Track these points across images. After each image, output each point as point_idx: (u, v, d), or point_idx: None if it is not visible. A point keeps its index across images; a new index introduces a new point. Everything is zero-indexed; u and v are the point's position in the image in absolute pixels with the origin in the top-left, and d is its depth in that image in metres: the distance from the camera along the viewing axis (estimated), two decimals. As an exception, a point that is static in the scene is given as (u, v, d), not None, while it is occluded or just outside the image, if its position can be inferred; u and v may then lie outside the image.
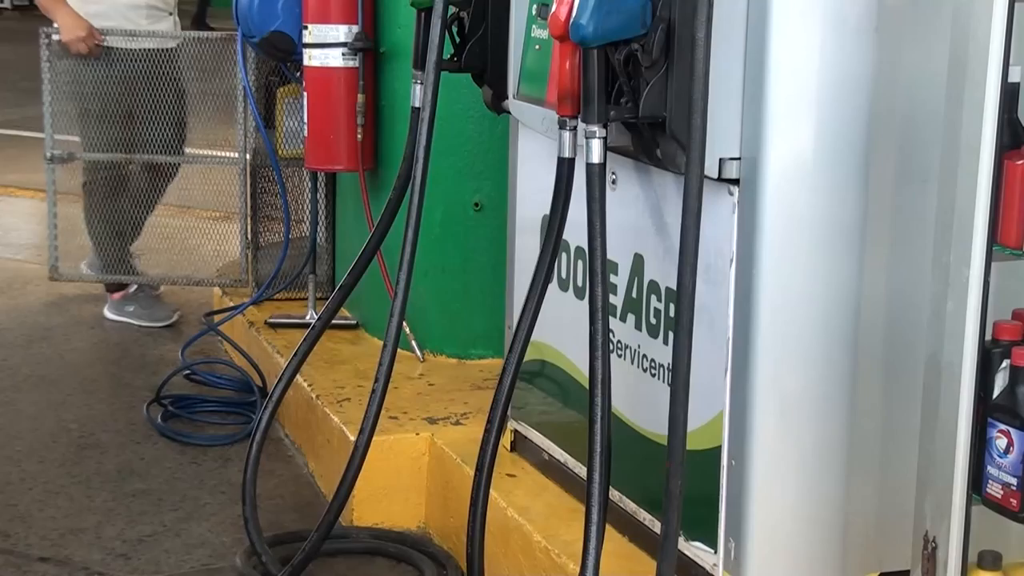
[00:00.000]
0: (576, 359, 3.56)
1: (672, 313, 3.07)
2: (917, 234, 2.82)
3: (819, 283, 2.89)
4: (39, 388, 5.40)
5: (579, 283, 3.53)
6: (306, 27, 4.97)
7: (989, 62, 2.40)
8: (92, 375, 5.58)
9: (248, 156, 5.71)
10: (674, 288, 2.81)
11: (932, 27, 2.72)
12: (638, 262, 3.27)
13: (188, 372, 5.41)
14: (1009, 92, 2.43)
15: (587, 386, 2.99)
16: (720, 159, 2.85)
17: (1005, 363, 2.53)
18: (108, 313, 6.25)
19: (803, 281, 2.89)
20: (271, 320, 5.39)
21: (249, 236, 5.84)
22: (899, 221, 2.87)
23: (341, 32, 4.93)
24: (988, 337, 2.53)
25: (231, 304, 5.76)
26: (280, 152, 5.51)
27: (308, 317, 5.33)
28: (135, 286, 6.24)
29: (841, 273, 2.90)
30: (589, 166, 2.91)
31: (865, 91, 2.83)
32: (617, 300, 3.34)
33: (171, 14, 6.07)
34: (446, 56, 3.65)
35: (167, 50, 5.97)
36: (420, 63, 3.68)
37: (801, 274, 2.88)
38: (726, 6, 2.77)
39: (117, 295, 6.23)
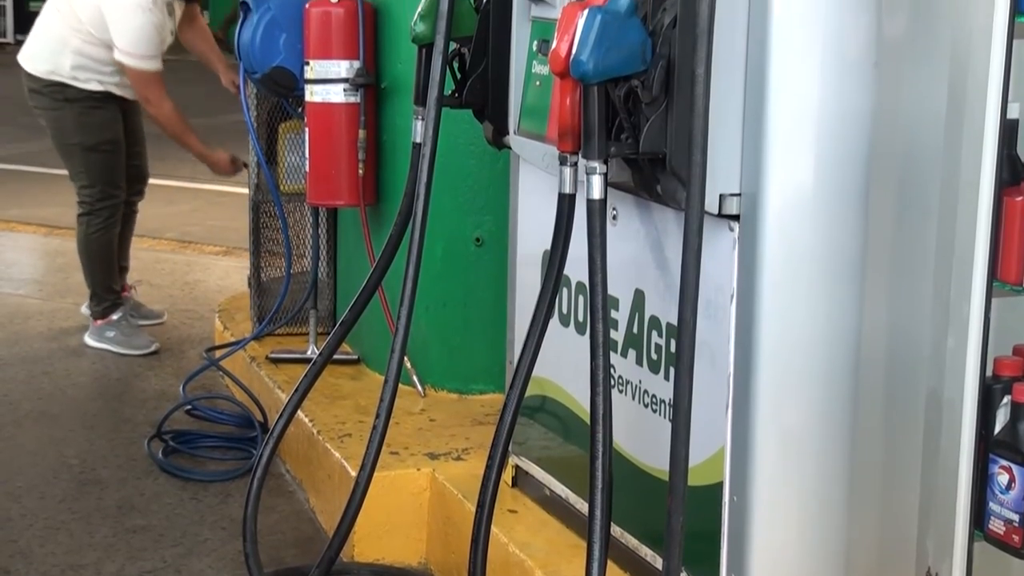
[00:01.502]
0: (577, 394, 3.56)
1: (673, 349, 3.07)
2: (917, 269, 2.83)
3: (820, 319, 2.89)
4: (40, 423, 5.39)
5: (580, 318, 3.54)
6: (307, 63, 4.99)
7: (988, 98, 2.42)
8: (93, 410, 5.58)
9: (251, 191, 5.72)
10: (675, 324, 2.81)
11: (931, 62, 2.73)
12: (639, 298, 3.27)
13: (189, 407, 5.41)
14: (1008, 128, 2.44)
15: (588, 421, 2.99)
16: (720, 195, 2.86)
17: (1006, 399, 2.53)
18: (88, 340, 6.27)
19: (804, 317, 2.89)
20: (272, 355, 5.39)
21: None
22: (899, 256, 2.88)
23: (342, 68, 4.95)
24: (989, 373, 2.53)
25: (232, 339, 5.76)
26: (282, 187, 5.52)
27: (309, 352, 5.33)
28: (118, 313, 6.25)
29: (842, 308, 2.89)
30: (590, 202, 2.91)
31: (865, 126, 2.83)
32: (618, 335, 3.34)
33: None
34: (447, 92, 3.66)
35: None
36: (421, 99, 3.69)
37: (802, 310, 2.88)
38: (726, 42, 2.78)
39: (100, 321, 6.25)
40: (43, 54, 6.04)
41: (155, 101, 5.92)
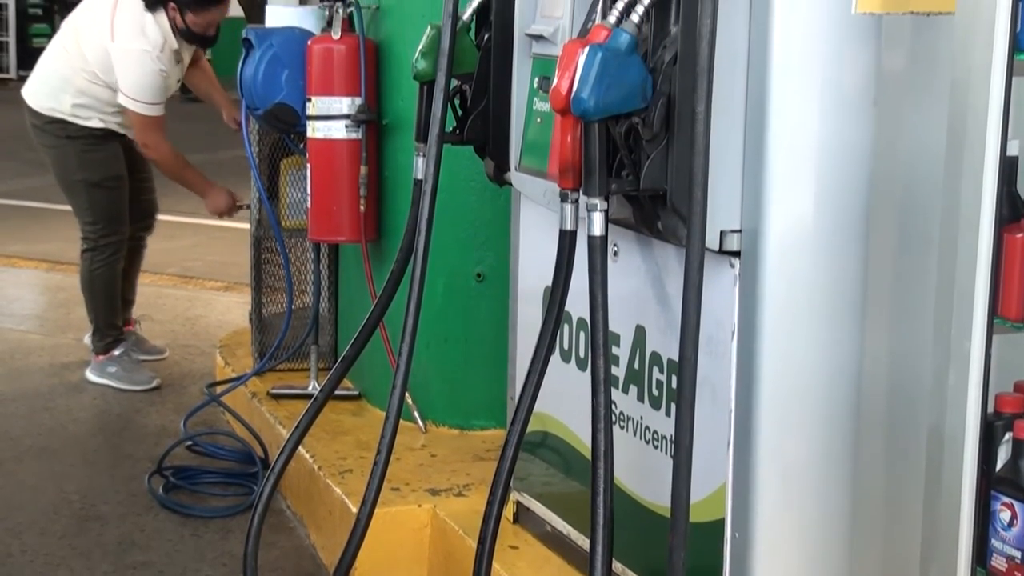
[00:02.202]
0: (578, 430, 3.55)
1: (674, 385, 3.07)
2: (918, 305, 2.83)
3: (821, 354, 2.89)
4: (41, 459, 5.39)
5: (581, 354, 3.54)
6: (310, 99, 5.00)
7: (988, 135, 2.42)
8: (94, 446, 5.57)
9: (253, 227, 5.73)
10: (676, 360, 2.81)
11: (931, 99, 2.74)
12: (640, 333, 3.27)
13: (190, 443, 5.40)
14: (1008, 165, 2.45)
15: (590, 457, 2.98)
16: (721, 231, 2.86)
17: (1007, 436, 2.53)
18: (90, 375, 6.27)
19: (805, 353, 2.89)
20: (273, 391, 5.39)
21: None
22: (900, 292, 2.88)
23: (344, 104, 4.96)
24: (990, 409, 2.53)
25: (233, 374, 5.76)
26: (283, 223, 5.54)
27: (310, 388, 5.33)
28: (120, 348, 6.25)
29: (843, 344, 2.90)
30: (591, 239, 2.92)
31: (864, 163, 2.84)
32: (619, 371, 3.34)
33: None
34: (448, 129, 3.67)
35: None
36: (423, 135, 3.71)
37: (803, 346, 2.89)
38: (725, 79, 2.79)
39: (102, 356, 6.24)
40: (45, 90, 6.06)
41: (153, 145, 5.95)
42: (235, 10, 16.33)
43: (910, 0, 2.76)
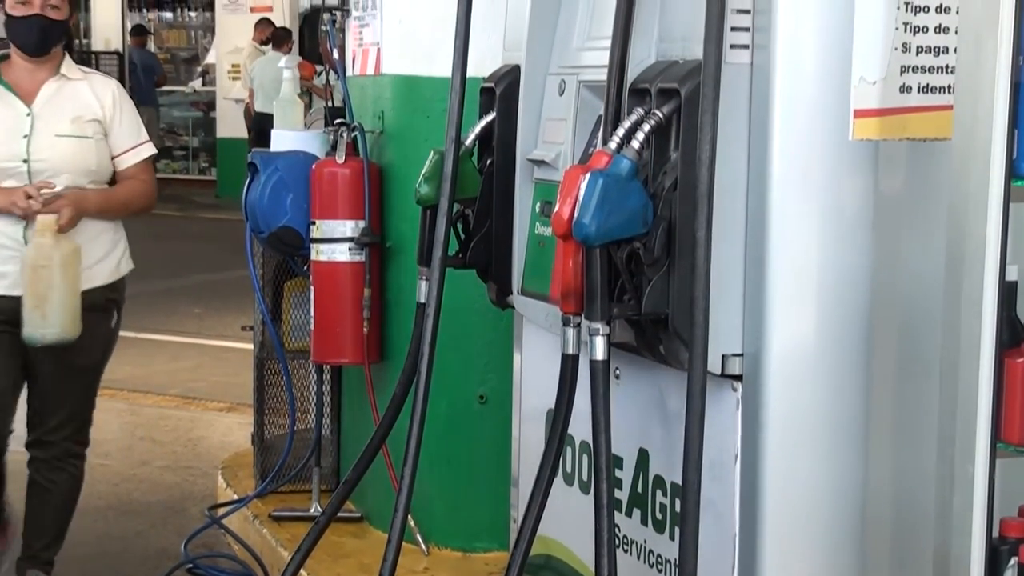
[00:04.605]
0: (582, 554, 3.53)
1: (678, 508, 3.06)
2: (921, 429, 2.82)
3: (825, 478, 2.89)
4: (40, 583, 5.34)
5: (584, 477, 3.52)
6: (314, 223, 5.04)
7: (986, 260, 2.44)
8: (94, 570, 5.52)
9: (256, 348, 5.74)
10: (679, 483, 2.81)
11: (929, 224, 2.76)
12: (643, 457, 3.27)
13: (191, 566, 5.36)
14: (1007, 290, 2.46)
15: (593, 583, 2.97)
16: (723, 355, 2.87)
17: (1013, 560, 2.52)
18: None
19: (809, 475, 2.88)
20: (275, 513, 5.36)
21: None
22: (902, 416, 2.88)
23: (348, 227, 5.00)
24: (995, 534, 2.52)
25: (235, 496, 5.74)
26: (287, 345, 5.55)
27: (312, 510, 5.30)
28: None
29: (846, 468, 2.89)
30: (593, 363, 2.93)
31: (865, 286, 2.86)
32: (622, 495, 3.33)
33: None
34: (451, 252, 3.69)
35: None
36: (425, 259, 3.73)
37: (806, 468, 2.88)
38: (726, 204, 2.82)
39: None
40: None
41: None
42: (240, 131, 16.43)
43: (907, 127, 2.80)
